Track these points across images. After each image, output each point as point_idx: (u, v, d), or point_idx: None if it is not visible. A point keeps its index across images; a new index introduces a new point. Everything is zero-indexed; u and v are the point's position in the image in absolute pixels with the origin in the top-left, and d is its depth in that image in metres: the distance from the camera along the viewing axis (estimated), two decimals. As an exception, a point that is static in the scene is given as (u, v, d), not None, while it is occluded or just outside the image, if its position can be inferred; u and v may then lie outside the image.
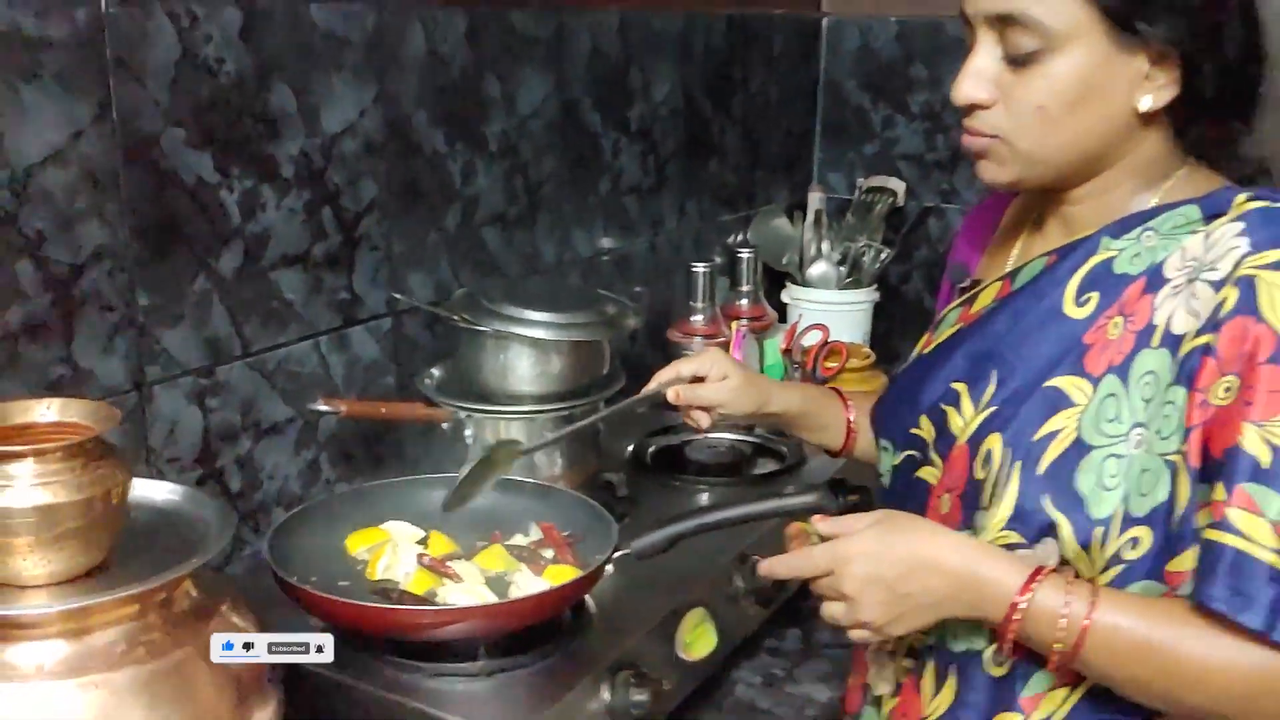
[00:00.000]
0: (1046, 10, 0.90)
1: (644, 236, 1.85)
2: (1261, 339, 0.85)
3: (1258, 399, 0.84)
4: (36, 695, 0.81)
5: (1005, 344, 1.00)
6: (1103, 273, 0.97)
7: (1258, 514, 0.82)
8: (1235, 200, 0.92)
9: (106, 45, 1.02)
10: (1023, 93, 0.94)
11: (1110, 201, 0.99)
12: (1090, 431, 0.91)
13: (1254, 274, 0.86)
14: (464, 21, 1.41)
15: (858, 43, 2.32)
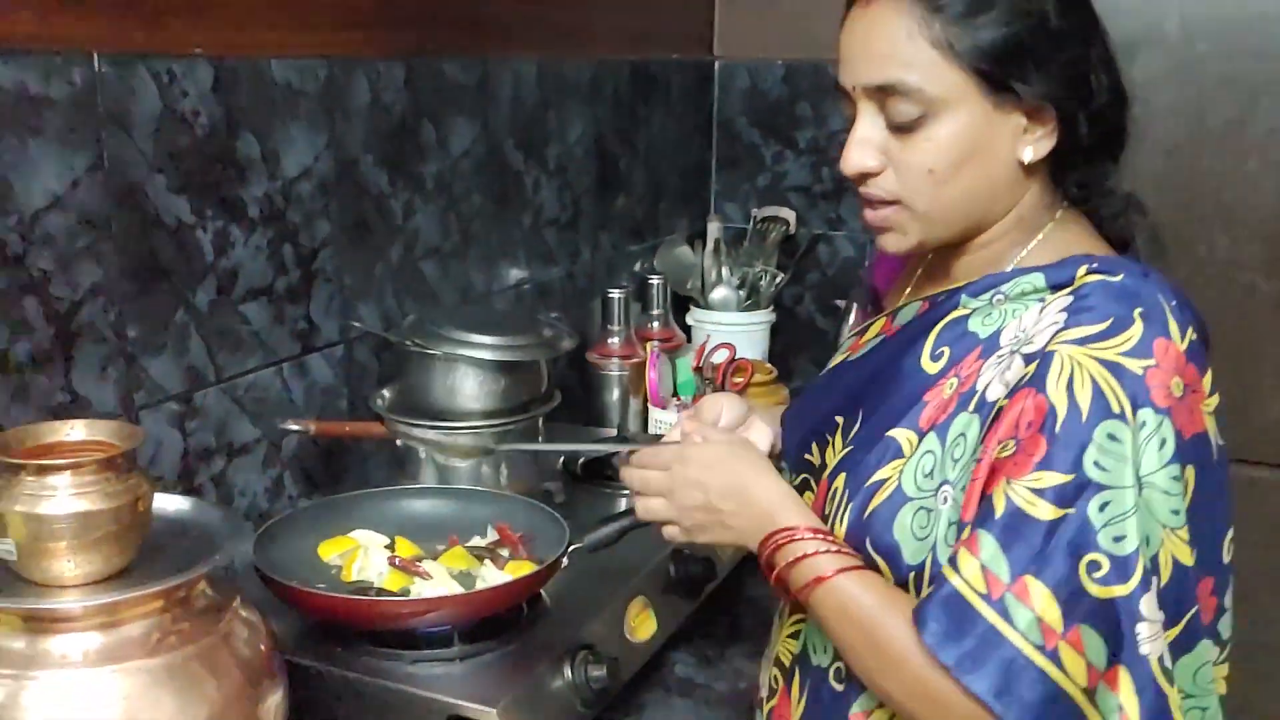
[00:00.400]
0: (923, 78, 0.93)
1: (562, 266, 1.99)
2: (1037, 409, 0.89)
3: (1016, 459, 0.88)
4: (76, 680, 0.90)
5: (873, 386, 1.05)
6: (957, 330, 1.01)
7: (976, 558, 0.87)
8: (1079, 272, 0.95)
9: (99, 102, 1.12)
10: (911, 157, 0.96)
11: (994, 252, 1.02)
12: (909, 483, 0.96)
13: (1055, 349, 0.90)
14: (402, 72, 1.54)
15: (747, 84, 2.51)
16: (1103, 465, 0.86)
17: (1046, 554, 0.86)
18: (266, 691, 1.01)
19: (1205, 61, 2.05)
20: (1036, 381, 0.90)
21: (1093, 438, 0.87)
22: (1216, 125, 2.07)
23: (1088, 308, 0.92)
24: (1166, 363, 0.89)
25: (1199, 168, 2.09)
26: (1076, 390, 0.88)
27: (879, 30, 0.95)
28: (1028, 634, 0.85)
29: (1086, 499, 0.86)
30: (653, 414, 1.96)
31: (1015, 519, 0.87)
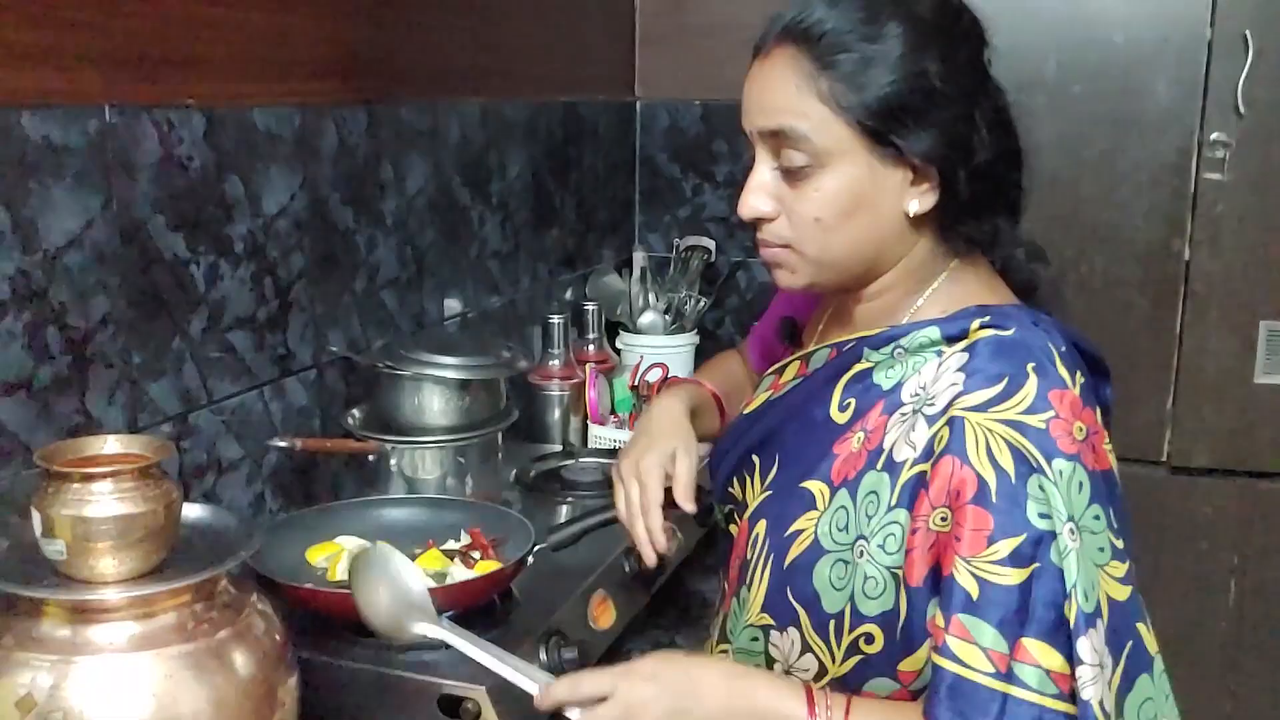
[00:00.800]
0: (812, 129, 0.97)
1: (505, 294, 2.13)
2: (966, 480, 0.91)
3: (964, 536, 0.90)
4: (116, 664, 1.00)
5: (788, 431, 1.09)
6: (863, 383, 1.04)
7: (972, 642, 0.89)
8: (972, 326, 0.99)
9: (109, 150, 1.24)
10: (800, 205, 1.00)
11: (889, 301, 1.06)
12: (825, 537, 1.00)
13: (962, 415, 0.93)
14: (365, 117, 1.67)
15: (667, 123, 2.69)
16: (1044, 514, 0.91)
17: (1029, 611, 0.89)
18: (283, 677, 1.12)
19: (1080, 101, 2.29)
20: (957, 451, 0.93)
21: (1028, 493, 0.91)
22: (1092, 157, 2.30)
23: (982, 369, 0.95)
24: (1064, 411, 0.93)
25: (1078, 196, 2.32)
26: (997, 456, 0.91)
27: (774, 81, 1.00)
28: (1042, 689, 0.88)
29: (1045, 549, 0.90)
30: (592, 430, 2.10)
31: (988, 593, 0.90)
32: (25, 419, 1.16)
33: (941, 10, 0.99)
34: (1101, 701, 0.89)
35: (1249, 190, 2.23)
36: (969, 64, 1.00)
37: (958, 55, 0.98)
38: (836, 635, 1.00)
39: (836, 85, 0.97)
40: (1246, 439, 2.31)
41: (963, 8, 1.02)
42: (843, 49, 0.97)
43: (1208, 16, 2.20)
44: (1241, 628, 2.36)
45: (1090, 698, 0.88)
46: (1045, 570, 0.90)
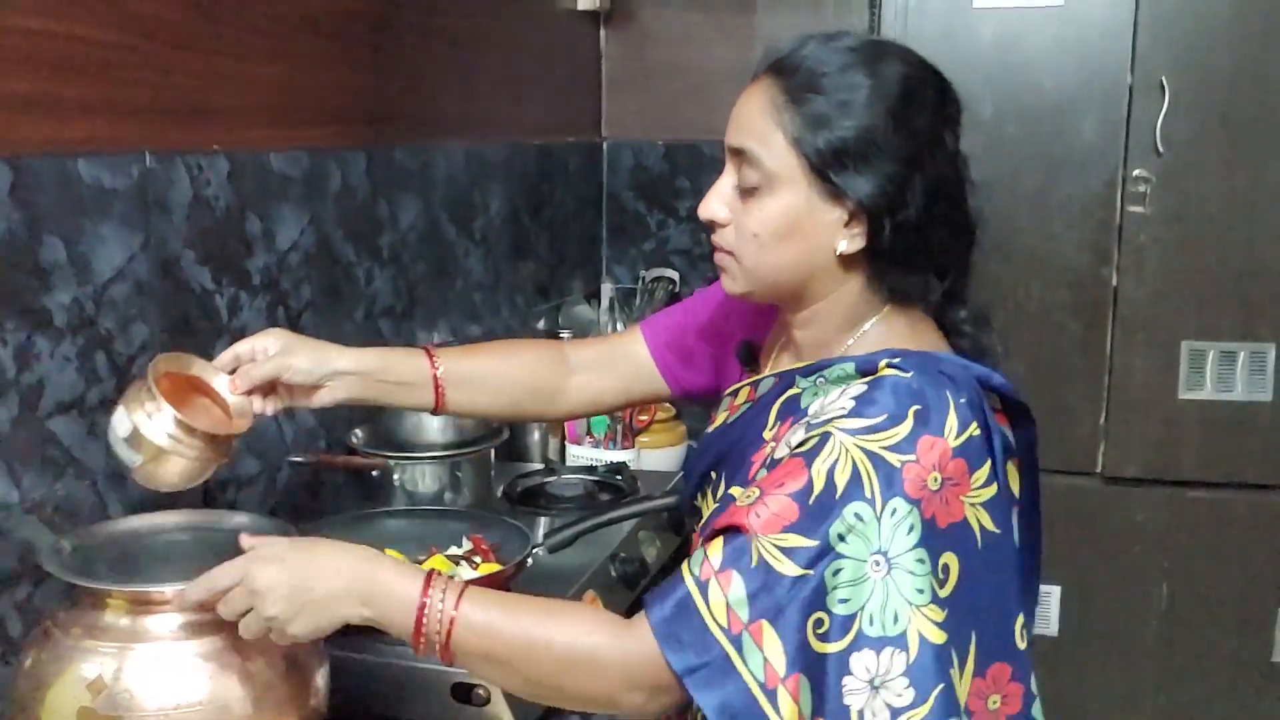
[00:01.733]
0: (766, 152, 1.05)
1: (486, 323, 2.27)
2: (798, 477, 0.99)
3: (766, 515, 0.97)
4: (171, 650, 1.10)
5: (735, 450, 1.16)
6: (791, 405, 1.11)
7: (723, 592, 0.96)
8: (880, 364, 1.05)
9: (148, 192, 1.36)
10: (745, 219, 1.08)
11: (823, 334, 1.13)
12: None
13: (832, 432, 1.00)
14: (364, 159, 1.81)
15: (632, 161, 2.85)
16: (845, 538, 0.97)
17: (784, 607, 0.96)
18: (316, 666, 1.24)
19: (1015, 141, 2.48)
20: (808, 455, 1.00)
21: (841, 514, 0.97)
22: (1026, 193, 2.49)
23: (873, 400, 1.02)
24: (927, 459, 0.99)
25: (1015, 228, 2.50)
26: (837, 473, 0.98)
27: (750, 103, 1.08)
28: (755, 672, 0.95)
29: (825, 564, 0.96)
30: (570, 449, 2.24)
31: (763, 571, 0.96)
32: (77, 435, 1.28)
33: (907, 79, 1.06)
34: (861, 711, 0.95)
35: (1169, 221, 2.43)
36: (921, 132, 1.05)
37: (912, 121, 1.05)
38: None
39: (798, 119, 1.05)
40: (1173, 451, 2.50)
41: (935, 84, 1.09)
42: (813, 89, 1.05)
43: (1128, 63, 2.40)
44: (1173, 627, 2.54)
45: (851, 705, 0.95)
46: (815, 581, 0.96)
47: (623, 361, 1.40)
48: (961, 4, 2.46)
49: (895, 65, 1.07)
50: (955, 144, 1.10)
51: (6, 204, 1.17)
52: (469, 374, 1.33)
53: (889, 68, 1.06)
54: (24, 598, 1.22)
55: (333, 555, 1.06)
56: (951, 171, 1.08)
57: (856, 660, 0.96)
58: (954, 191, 1.08)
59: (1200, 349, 2.45)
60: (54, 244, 1.23)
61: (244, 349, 1.22)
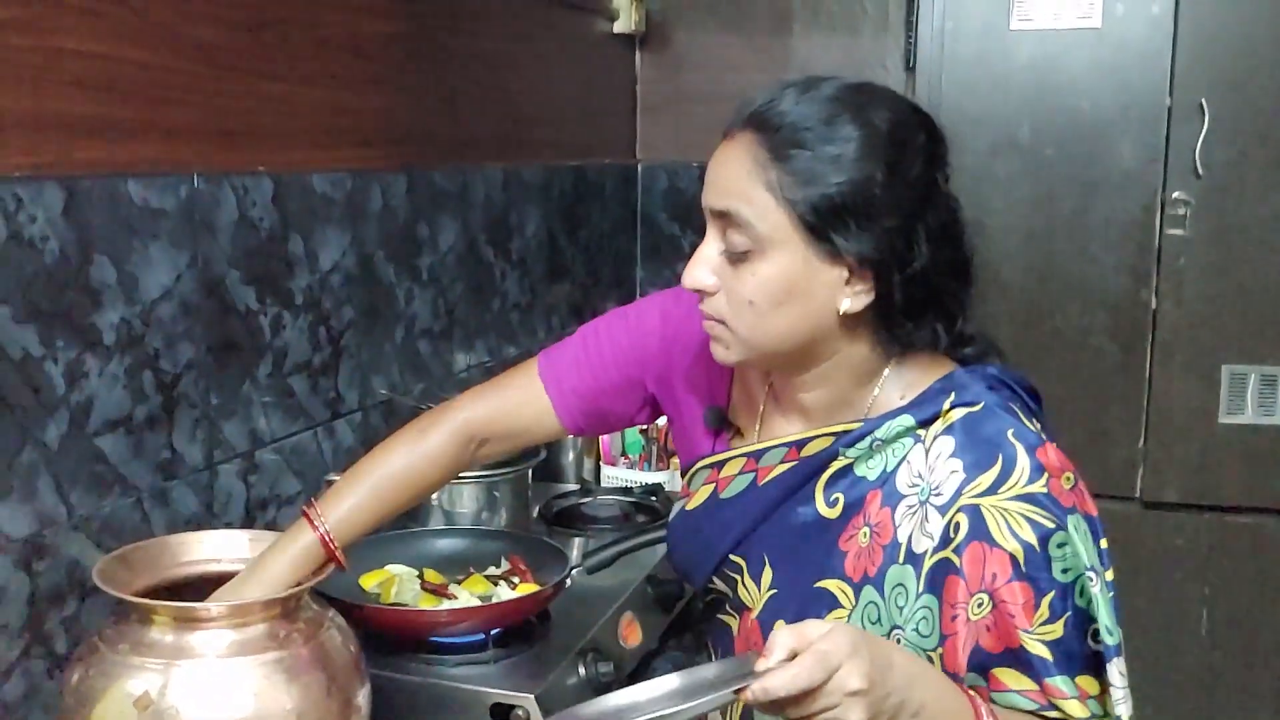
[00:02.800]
0: (755, 215, 0.99)
1: (523, 344, 2.28)
2: (999, 562, 0.98)
3: (1017, 612, 0.97)
4: (214, 669, 1.11)
5: (770, 531, 1.12)
6: (845, 476, 1.08)
7: (1066, 697, 0.98)
8: (943, 408, 1.03)
9: (195, 212, 1.38)
10: (737, 285, 1.02)
11: (837, 394, 1.09)
12: None
13: (976, 503, 0.99)
14: (404, 181, 1.83)
15: (666, 183, 2.86)
16: (1065, 569, 0.99)
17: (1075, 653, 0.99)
18: (358, 686, 1.23)
19: (1052, 163, 2.47)
20: (982, 537, 0.99)
21: (1049, 556, 0.98)
22: (1064, 214, 2.48)
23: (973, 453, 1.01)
24: (1053, 467, 1.01)
25: (1052, 250, 2.50)
26: (1018, 531, 0.98)
27: (730, 163, 1.02)
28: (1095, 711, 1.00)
29: (1070, 598, 0.99)
30: (605, 470, 2.24)
31: (1055, 651, 0.98)
32: (123, 453, 1.29)
33: (897, 125, 1.02)
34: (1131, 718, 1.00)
35: (1209, 244, 2.41)
36: (918, 179, 1.02)
37: (907, 169, 1.01)
38: None
39: (785, 177, 0.99)
40: (1213, 475, 2.47)
41: (920, 126, 1.05)
42: (798, 144, 1.00)
43: (1167, 86, 2.40)
44: (1213, 655, 2.51)
45: (1123, 714, 0.99)
46: (1074, 615, 0.99)
47: (526, 421, 1.30)
48: (998, 26, 2.46)
49: (882, 112, 1.02)
50: (947, 185, 1.06)
51: (59, 224, 1.19)
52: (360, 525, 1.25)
53: (877, 115, 1.01)
54: (71, 614, 1.23)
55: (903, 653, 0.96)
56: (949, 215, 1.05)
57: (1112, 669, 0.99)
58: (955, 235, 1.05)
59: (1241, 373, 2.43)
60: (104, 263, 1.25)
61: None
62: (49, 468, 1.20)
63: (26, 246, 1.15)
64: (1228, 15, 2.36)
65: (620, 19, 2.70)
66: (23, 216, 1.15)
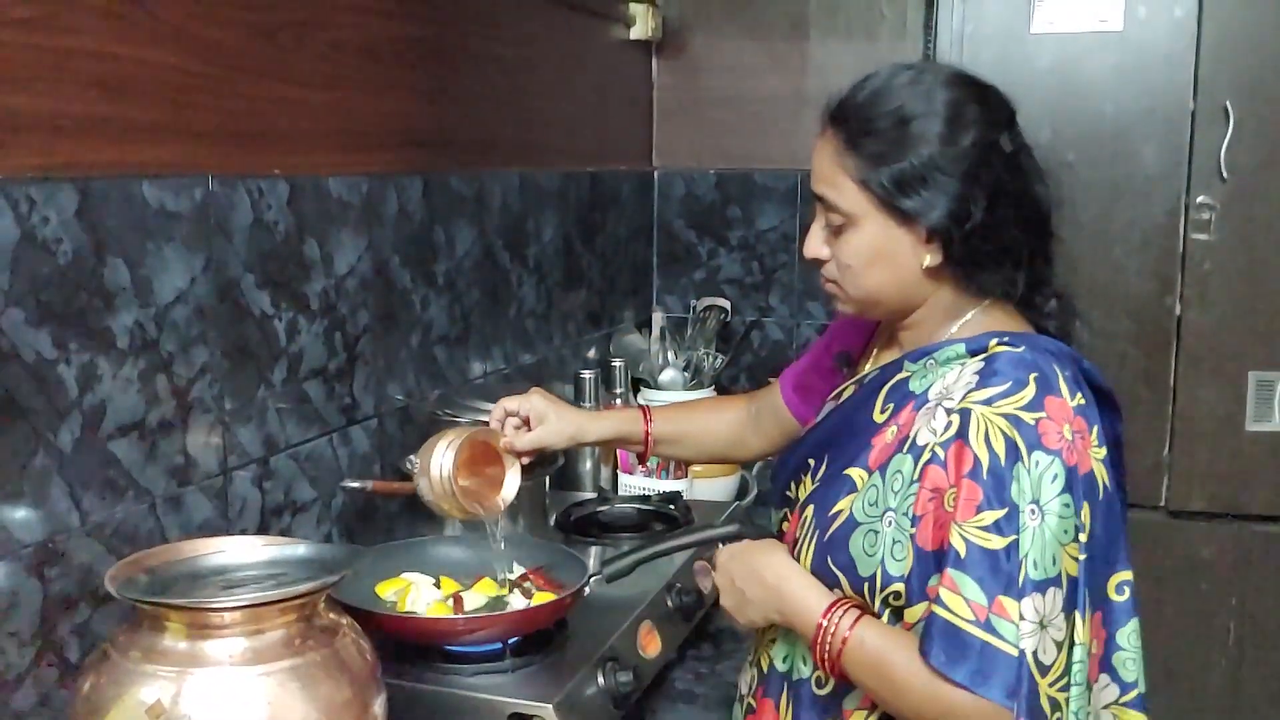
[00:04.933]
0: (840, 196, 1.20)
1: (539, 351, 2.26)
2: (965, 458, 1.11)
3: (959, 504, 1.10)
4: (228, 677, 1.09)
5: (839, 435, 1.29)
6: (900, 388, 1.24)
7: (958, 593, 1.09)
8: (990, 343, 1.18)
9: (210, 215, 1.37)
10: (838, 253, 1.23)
11: (926, 330, 1.26)
12: (859, 512, 1.20)
13: (970, 406, 1.14)
14: (421, 186, 1.81)
15: (683, 190, 2.84)
16: (1020, 493, 1.10)
17: (1008, 574, 1.08)
18: (375, 695, 1.21)
19: (1074, 167, 2.44)
20: (963, 435, 1.13)
21: (1012, 475, 1.10)
22: (1086, 220, 2.45)
23: (993, 372, 1.16)
24: (1055, 414, 1.12)
25: (1074, 255, 2.43)
26: (992, 441, 1.11)
27: (820, 155, 1.23)
28: (1016, 641, 1.08)
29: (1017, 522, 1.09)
30: (622, 479, 2.22)
31: (975, 554, 1.09)
32: (137, 458, 1.28)
33: (950, 102, 1.18)
34: (1035, 653, 1.08)
35: (1234, 249, 2.38)
36: (974, 145, 1.17)
37: (962, 138, 1.16)
38: (870, 594, 1.18)
39: (858, 162, 1.19)
40: (1240, 484, 2.43)
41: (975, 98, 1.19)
42: (866, 132, 1.18)
43: (1190, 89, 2.36)
44: (1241, 666, 2.47)
45: (1026, 648, 1.08)
46: (1018, 540, 1.09)
47: (775, 411, 1.56)
48: (1018, 30, 2.43)
49: (937, 91, 1.19)
50: (1013, 143, 1.20)
51: (74, 225, 1.17)
52: (673, 433, 1.58)
53: (932, 95, 1.18)
54: (83, 621, 1.22)
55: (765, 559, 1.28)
56: (1010, 173, 1.19)
57: (1027, 604, 1.08)
58: (1018, 189, 1.19)
59: (1268, 379, 2.38)
60: (118, 266, 1.23)
61: (512, 406, 1.49)
62: (61, 472, 1.18)
63: (40, 248, 1.14)
64: (1251, 17, 2.32)
65: (636, 25, 2.69)
66: (36, 218, 1.13)
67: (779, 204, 2.78)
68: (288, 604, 1.13)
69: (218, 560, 1.22)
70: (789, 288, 2.80)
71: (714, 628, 1.78)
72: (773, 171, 2.78)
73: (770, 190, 2.78)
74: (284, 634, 1.14)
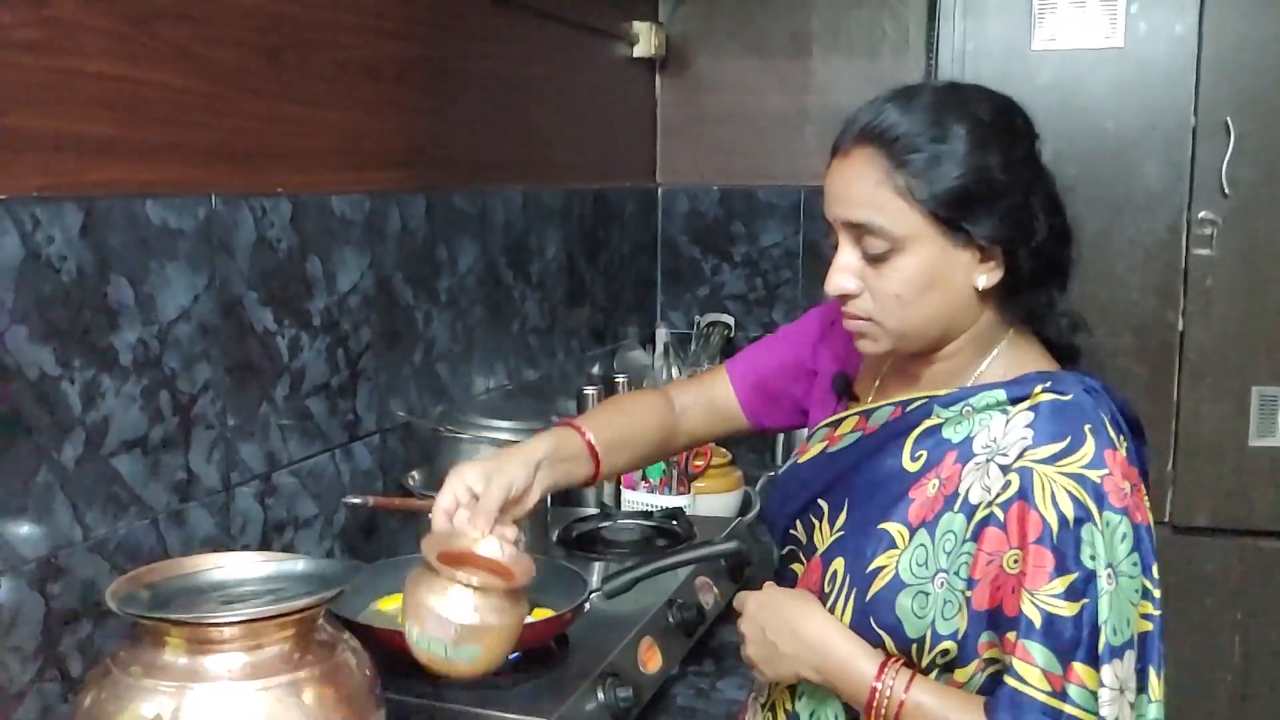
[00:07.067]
0: (888, 220, 1.10)
1: (542, 367, 2.27)
2: (1033, 523, 1.05)
3: (1029, 571, 1.05)
4: (230, 691, 1.09)
5: (858, 478, 1.21)
6: (933, 437, 1.16)
7: (1032, 664, 1.04)
8: (1035, 390, 1.12)
9: (213, 234, 1.38)
10: (881, 284, 1.13)
11: (956, 365, 1.18)
12: (905, 572, 1.13)
13: (1031, 466, 1.07)
14: (424, 204, 1.83)
15: (687, 207, 2.86)
16: (1093, 556, 1.04)
17: (1085, 641, 1.04)
18: (374, 710, 1.22)
19: (1076, 184, 2.42)
20: (1025, 496, 1.06)
21: (1081, 538, 1.04)
22: (1089, 236, 2.42)
23: (1048, 426, 1.09)
24: (1116, 469, 1.07)
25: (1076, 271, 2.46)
26: (1060, 503, 1.05)
27: (854, 177, 1.12)
28: (1086, 706, 1.04)
29: (1092, 586, 1.04)
30: (625, 494, 2.22)
31: (1049, 623, 1.04)
32: (139, 474, 1.29)
33: (998, 112, 1.13)
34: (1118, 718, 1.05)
35: (1236, 264, 2.38)
36: (1025, 157, 1.13)
37: (1015, 150, 1.12)
38: (918, 654, 1.13)
39: (911, 180, 1.10)
40: (1244, 499, 2.43)
41: (1016, 109, 1.16)
42: (914, 149, 1.10)
43: (1191, 105, 2.37)
44: (1247, 681, 2.46)
45: (1106, 716, 1.04)
46: (1091, 604, 1.04)
47: (713, 403, 1.46)
48: (1019, 47, 2.45)
49: (981, 103, 1.13)
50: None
51: (77, 244, 1.19)
52: (614, 438, 1.36)
53: (977, 107, 1.12)
54: (85, 635, 1.22)
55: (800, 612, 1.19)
56: (1053, 186, 1.16)
57: (1106, 672, 1.04)
58: (1060, 204, 1.16)
59: (1271, 394, 2.39)
60: (121, 284, 1.25)
61: (450, 498, 1.23)
62: (64, 488, 1.19)
63: (44, 266, 1.15)
64: (1251, 33, 2.33)
65: (640, 43, 2.70)
66: (40, 236, 1.15)
67: (782, 220, 2.79)
68: (286, 619, 1.13)
69: (218, 576, 1.22)
70: (792, 303, 2.80)
71: (715, 644, 1.78)
72: (776, 188, 2.79)
73: (773, 207, 2.79)
74: (283, 649, 1.15)
